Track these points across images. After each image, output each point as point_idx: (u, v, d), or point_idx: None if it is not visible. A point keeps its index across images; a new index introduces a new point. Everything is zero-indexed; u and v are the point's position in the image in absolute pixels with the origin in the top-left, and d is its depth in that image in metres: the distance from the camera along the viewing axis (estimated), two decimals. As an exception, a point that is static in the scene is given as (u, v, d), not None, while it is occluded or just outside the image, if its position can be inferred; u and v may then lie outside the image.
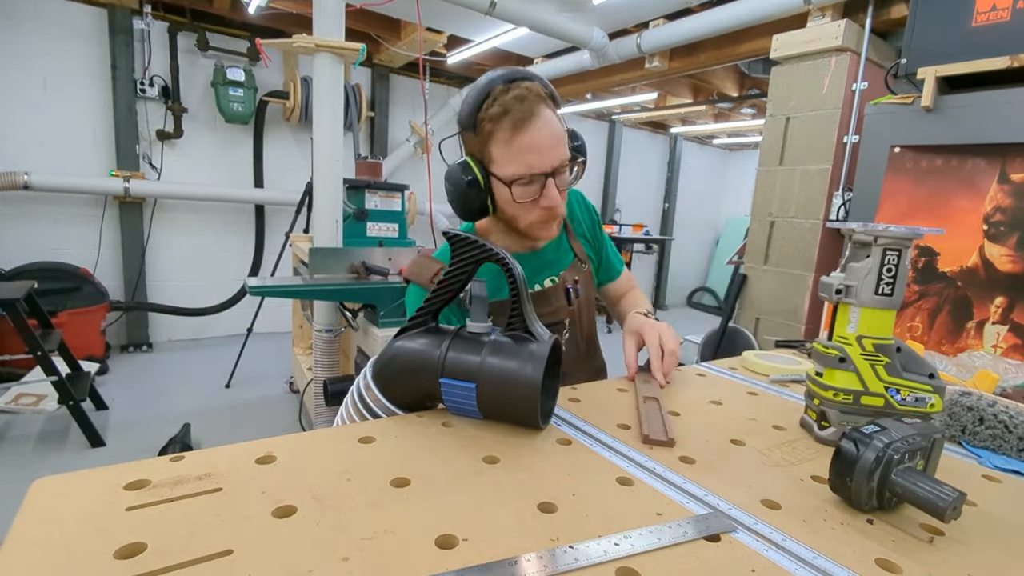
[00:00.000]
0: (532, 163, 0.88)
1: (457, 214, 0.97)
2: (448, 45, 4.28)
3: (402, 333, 0.74)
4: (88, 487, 0.50)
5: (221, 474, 0.54)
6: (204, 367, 3.91)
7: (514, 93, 0.87)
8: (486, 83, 0.89)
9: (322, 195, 2.47)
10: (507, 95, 0.87)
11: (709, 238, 8.57)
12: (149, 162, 4.13)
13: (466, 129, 0.93)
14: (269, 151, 4.63)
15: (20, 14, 3.61)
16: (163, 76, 4.06)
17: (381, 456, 0.60)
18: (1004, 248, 1.65)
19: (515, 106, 0.86)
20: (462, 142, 0.97)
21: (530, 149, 0.87)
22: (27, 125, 3.72)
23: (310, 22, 2.38)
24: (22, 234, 3.80)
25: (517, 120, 0.86)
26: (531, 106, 0.86)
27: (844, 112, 2.33)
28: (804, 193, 2.48)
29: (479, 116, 0.89)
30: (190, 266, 4.47)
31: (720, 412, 0.84)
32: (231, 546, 0.43)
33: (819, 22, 2.41)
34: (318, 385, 2.50)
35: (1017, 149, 1.63)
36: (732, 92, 4.91)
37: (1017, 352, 1.62)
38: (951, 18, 1.76)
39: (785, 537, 0.50)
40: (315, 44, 2.29)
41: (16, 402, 2.96)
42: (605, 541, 0.47)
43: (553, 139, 0.89)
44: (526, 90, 0.87)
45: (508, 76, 0.90)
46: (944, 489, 0.50)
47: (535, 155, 0.88)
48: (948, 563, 0.48)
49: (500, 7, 2.99)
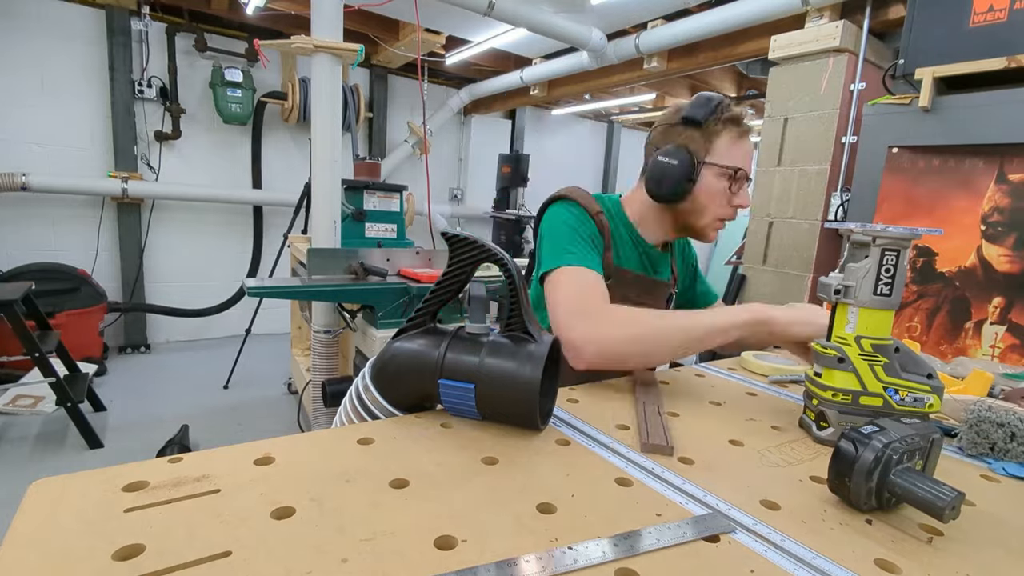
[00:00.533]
0: (746, 164, 1.09)
1: (653, 191, 1.09)
2: (446, 46, 4.28)
3: (401, 334, 0.74)
4: (86, 489, 0.50)
5: (219, 475, 0.53)
6: (202, 368, 3.91)
7: (739, 111, 1.08)
8: (718, 98, 1.09)
9: (320, 196, 2.47)
10: (735, 110, 1.08)
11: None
12: (147, 163, 4.13)
13: (692, 125, 1.07)
14: (267, 152, 4.63)
15: (18, 15, 3.60)
16: (161, 77, 4.06)
17: (380, 457, 0.60)
18: (1002, 248, 1.66)
19: (743, 120, 1.08)
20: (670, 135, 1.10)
21: (746, 154, 1.09)
22: (25, 126, 3.72)
23: (308, 23, 2.38)
24: (20, 235, 3.79)
25: (744, 130, 1.09)
26: (748, 126, 1.10)
27: (842, 113, 2.33)
28: (802, 193, 2.48)
29: (712, 116, 1.06)
30: (188, 267, 4.47)
31: (719, 413, 0.84)
32: (229, 548, 0.43)
33: (817, 23, 2.41)
34: (317, 386, 2.50)
35: (1015, 149, 1.63)
36: (730, 93, 4.92)
37: (1015, 352, 1.62)
38: (948, 19, 1.76)
39: (784, 537, 0.50)
40: (313, 45, 2.28)
41: (14, 403, 2.95)
42: (604, 542, 0.47)
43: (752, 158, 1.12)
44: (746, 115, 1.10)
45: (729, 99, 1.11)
46: (943, 489, 0.50)
47: (748, 159, 1.09)
48: (947, 563, 0.48)
49: (498, 7, 3.00)
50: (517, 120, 6.18)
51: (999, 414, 0.74)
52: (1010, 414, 0.73)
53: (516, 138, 6.22)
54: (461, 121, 5.92)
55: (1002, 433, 0.73)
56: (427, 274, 2.36)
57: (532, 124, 6.35)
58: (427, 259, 2.63)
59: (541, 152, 6.40)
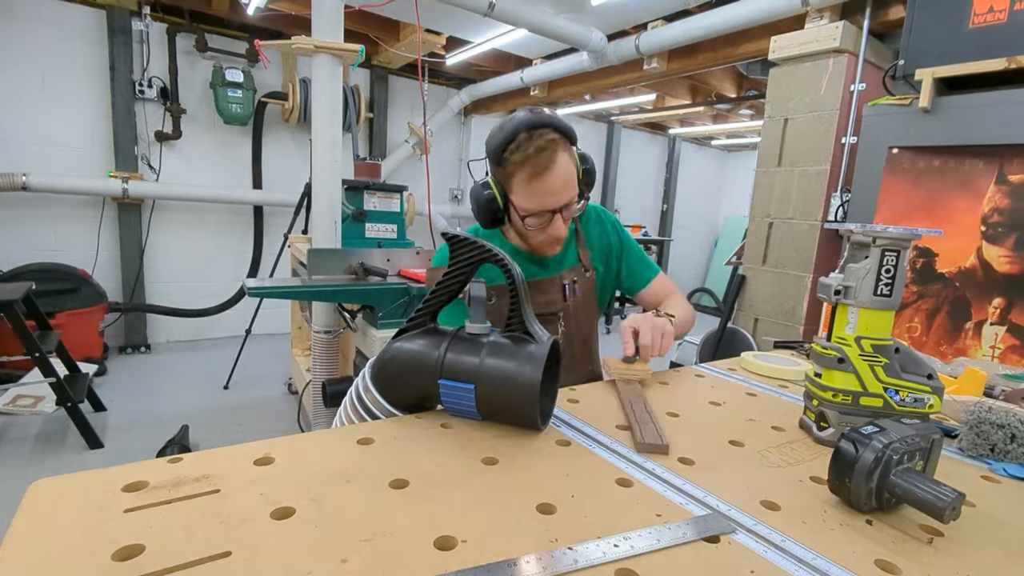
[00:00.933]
0: (546, 203, 1.03)
1: (475, 217, 1.11)
2: (447, 46, 4.28)
3: (401, 334, 0.74)
4: (86, 489, 0.50)
5: (219, 476, 0.53)
6: (202, 368, 3.91)
7: (536, 143, 0.98)
8: (513, 127, 1.01)
9: (321, 196, 2.47)
10: (530, 144, 0.98)
11: (708, 239, 8.58)
12: (148, 163, 4.13)
13: (492, 160, 1.06)
14: (268, 152, 4.63)
15: (19, 14, 3.60)
16: (162, 77, 4.06)
17: (380, 458, 0.60)
18: (1002, 249, 1.66)
19: (535, 156, 0.98)
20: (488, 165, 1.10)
21: (545, 192, 1.01)
22: (25, 126, 3.72)
23: (309, 23, 2.38)
24: (20, 235, 3.79)
25: (537, 170, 0.99)
26: (550, 155, 0.99)
27: (842, 113, 2.33)
28: (802, 194, 2.48)
29: (504, 155, 1.01)
30: (189, 267, 4.47)
31: (719, 413, 0.84)
32: (229, 548, 0.43)
33: (817, 24, 2.41)
34: (317, 386, 2.50)
35: (1015, 150, 1.63)
36: (730, 93, 4.92)
37: (1015, 353, 1.62)
38: (948, 20, 1.76)
39: (784, 538, 0.50)
40: (314, 45, 2.29)
41: (14, 404, 2.95)
42: (604, 542, 0.47)
43: (565, 182, 1.03)
44: (547, 141, 0.99)
45: (532, 122, 1.00)
46: (943, 490, 0.50)
47: (549, 197, 1.02)
48: (947, 564, 0.48)
49: (499, 8, 2.99)
50: (517, 121, 6.17)
51: (999, 415, 0.74)
52: (1010, 415, 0.73)
53: (516, 139, 6.21)
54: (461, 122, 5.92)
55: (1002, 434, 0.73)
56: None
57: (532, 125, 6.34)
58: (427, 259, 2.63)
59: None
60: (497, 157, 1.03)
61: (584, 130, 6.84)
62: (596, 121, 6.87)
